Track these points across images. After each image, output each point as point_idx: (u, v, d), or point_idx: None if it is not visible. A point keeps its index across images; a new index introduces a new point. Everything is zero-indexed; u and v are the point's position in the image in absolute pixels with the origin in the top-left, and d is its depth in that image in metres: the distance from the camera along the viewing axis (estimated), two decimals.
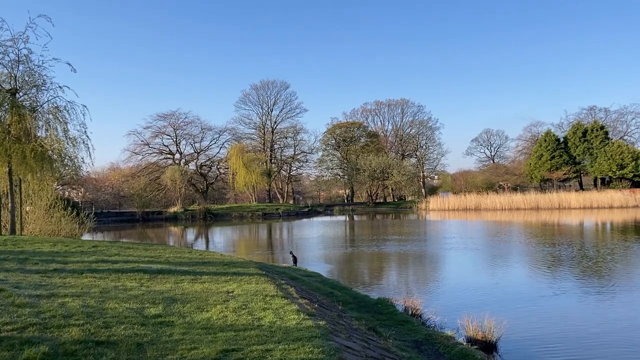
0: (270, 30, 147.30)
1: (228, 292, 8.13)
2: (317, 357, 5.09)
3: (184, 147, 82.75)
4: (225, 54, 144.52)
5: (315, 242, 31.09)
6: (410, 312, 10.16)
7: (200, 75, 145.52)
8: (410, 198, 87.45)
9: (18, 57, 16.87)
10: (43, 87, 17.16)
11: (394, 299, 10.93)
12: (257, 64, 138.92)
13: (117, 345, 5.09)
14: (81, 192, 74.41)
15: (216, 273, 10.06)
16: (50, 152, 16.79)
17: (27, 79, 17.02)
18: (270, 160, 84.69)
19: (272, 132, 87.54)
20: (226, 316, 6.54)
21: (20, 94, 17.17)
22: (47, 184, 24.69)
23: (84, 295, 7.09)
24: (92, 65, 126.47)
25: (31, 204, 24.98)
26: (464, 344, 7.75)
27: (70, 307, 6.34)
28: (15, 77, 16.93)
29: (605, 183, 78.91)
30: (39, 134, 17.01)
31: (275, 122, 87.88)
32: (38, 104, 17.21)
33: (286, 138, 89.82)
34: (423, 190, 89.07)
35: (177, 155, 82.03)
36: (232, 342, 5.42)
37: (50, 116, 16.89)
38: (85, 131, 17.20)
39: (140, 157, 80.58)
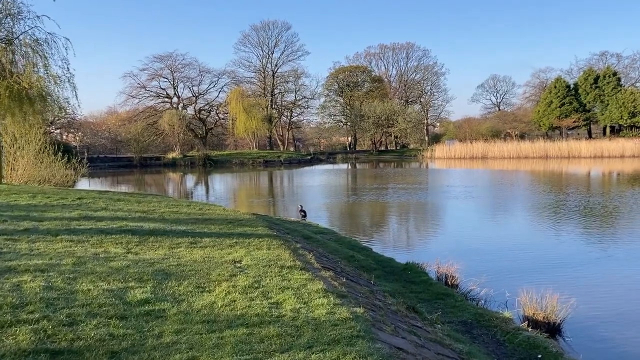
0: None
1: (235, 262, 6.59)
2: None
3: (181, 90, 79.94)
4: None
5: (319, 190, 29.64)
6: (446, 281, 8.70)
7: (196, 13, 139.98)
8: (413, 146, 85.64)
9: None
10: (19, 16, 15.06)
11: (425, 264, 9.45)
12: (257, 3, 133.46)
13: (82, 357, 3.55)
14: (79, 136, 72.68)
15: (219, 234, 8.50)
16: (29, 90, 14.89)
17: None
18: (271, 105, 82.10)
19: (273, 75, 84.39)
20: (234, 300, 5.00)
21: None
22: (38, 127, 22.96)
23: (51, 270, 5.53)
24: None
25: (19, 148, 23.34)
26: (529, 329, 6.29)
27: (27, 290, 4.78)
28: None
29: (615, 131, 76.92)
30: (14, 70, 15.05)
31: (276, 65, 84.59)
32: (13, 35, 15.14)
33: (287, 82, 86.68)
34: (426, 138, 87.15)
35: (175, 99, 79.35)
36: (245, 348, 3.88)
37: (29, 50, 14.90)
38: (68, 68, 15.26)
39: (137, 100, 77.93)
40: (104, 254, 6.57)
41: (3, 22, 14.96)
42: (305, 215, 15.04)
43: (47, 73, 14.98)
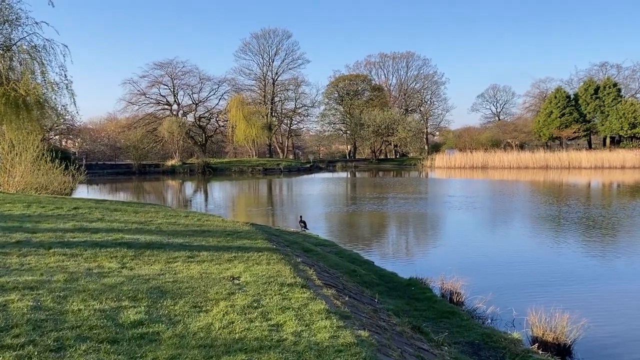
0: None
1: (233, 279, 6.35)
2: None
3: (181, 97, 79.83)
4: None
5: (318, 199, 29.39)
6: (451, 298, 8.45)
7: (197, 21, 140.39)
8: (412, 155, 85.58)
9: None
10: (17, 22, 14.88)
11: (428, 280, 9.20)
12: (258, 12, 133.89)
13: None
14: (78, 143, 72.42)
15: (217, 247, 8.26)
16: (26, 97, 14.67)
17: None
18: (271, 113, 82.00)
19: (273, 83, 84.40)
20: (232, 322, 4.75)
21: None
22: (36, 134, 22.76)
23: (41, 288, 5.29)
24: (82, 8, 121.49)
25: (16, 154, 23.12)
26: (539, 352, 6.04)
27: (14, 311, 4.53)
28: None
29: (615, 142, 76.88)
30: (12, 77, 14.84)
31: (276, 74, 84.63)
32: (12, 41, 14.96)
33: (287, 90, 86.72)
34: (426, 147, 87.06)
35: (175, 107, 79.22)
36: None
37: (27, 56, 14.70)
38: (65, 74, 15.07)
39: (137, 107, 77.78)
40: (97, 269, 6.33)
41: (1, 28, 14.80)
42: (305, 227, 14.79)
43: (44, 80, 14.82)
